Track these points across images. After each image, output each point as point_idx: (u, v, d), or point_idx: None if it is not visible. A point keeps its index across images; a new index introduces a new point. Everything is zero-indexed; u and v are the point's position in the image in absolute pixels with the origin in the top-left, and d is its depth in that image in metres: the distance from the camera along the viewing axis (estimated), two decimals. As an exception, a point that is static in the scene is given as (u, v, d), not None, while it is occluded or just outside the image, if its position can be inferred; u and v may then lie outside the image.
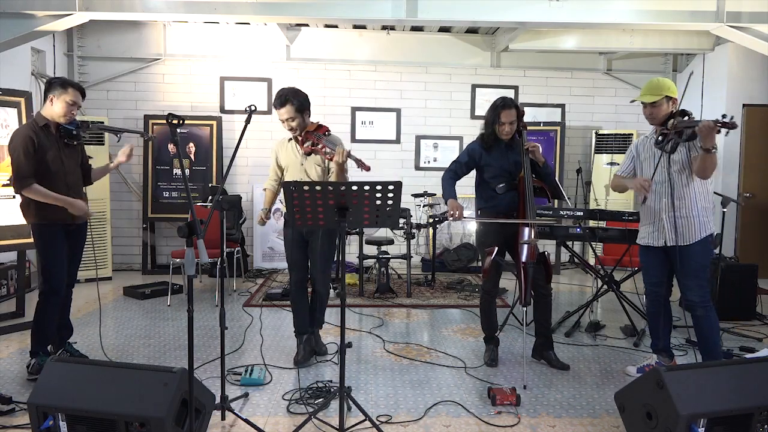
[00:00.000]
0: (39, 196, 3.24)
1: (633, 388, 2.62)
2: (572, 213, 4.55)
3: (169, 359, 3.76)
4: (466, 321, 4.81)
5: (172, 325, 4.55)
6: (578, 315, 4.55)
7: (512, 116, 3.52)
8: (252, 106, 2.93)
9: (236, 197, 6.56)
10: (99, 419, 2.31)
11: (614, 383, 3.42)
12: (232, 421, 2.85)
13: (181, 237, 2.20)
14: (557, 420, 2.96)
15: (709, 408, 2.36)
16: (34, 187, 3.22)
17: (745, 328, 4.59)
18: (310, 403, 3.06)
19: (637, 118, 7.31)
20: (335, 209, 2.60)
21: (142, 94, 6.82)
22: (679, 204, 3.21)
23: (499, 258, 3.58)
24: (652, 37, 6.37)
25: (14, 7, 4.74)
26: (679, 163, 3.21)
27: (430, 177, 7.03)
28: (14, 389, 3.20)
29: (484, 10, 4.99)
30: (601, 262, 4.81)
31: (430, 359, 3.84)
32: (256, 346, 3.98)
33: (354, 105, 7.07)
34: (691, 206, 3.21)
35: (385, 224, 2.75)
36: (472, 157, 3.68)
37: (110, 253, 6.29)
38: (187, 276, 2.21)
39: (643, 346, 4.12)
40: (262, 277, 6.46)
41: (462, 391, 3.31)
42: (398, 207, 2.65)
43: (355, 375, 3.52)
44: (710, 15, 4.95)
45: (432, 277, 6.22)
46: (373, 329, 4.50)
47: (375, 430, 2.69)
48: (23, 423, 2.76)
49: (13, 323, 4.39)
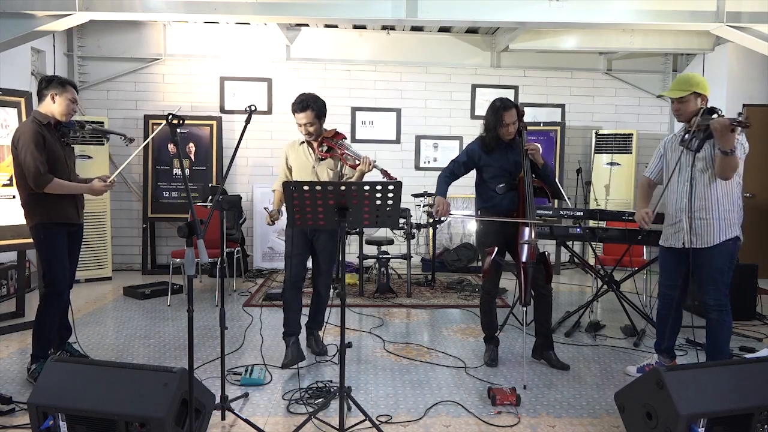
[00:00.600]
0: (62, 190, 3.21)
1: (633, 388, 2.62)
2: (572, 213, 4.55)
3: (169, 359, 3.76)
4: (466, 321, 4.81)
5: (172, 325, 4.55)
6: (578, 315, 4.55)
7: (514, 117, 3.52)
8: (252, 106, 2.93)
9: (236, 197, 6.56)
10: (99, 419, 2.31)
11: (614, 383, 3.42)
12: (232, 421, 2.85)
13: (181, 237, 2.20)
14: (557, 420, 2.96)
15: (709, 408, 2.36)
16: (55, 182, 3.18)
17: (745, 328, 4.59)
18: (310, 403, 3.06)
19: (638, 118, 7.34)
20: (335, 209, 2.60)
21: (142, 94, 6.82)
22: (699, 205, 3.11)
23: (499, 258, 3.58)
24: (652, 37, 6.37)
25: (14, 7, 4.74)
26: (702, 161, 3.11)
27: (430, 177, 7.03)
28: (14, 389, 3.20)
29: (484, 10, 4.99)
30: (601, 262, 4.81)
31: (430, 359, 3.84)
32: (256, 346, 3.98)
33: (354, 105, 7.07)
34: (712, 207, 3.10)
35: (385, 224, 2.75)
36: (471, 157, 3.67)
37: (110, 253, 6.29)
38: (187, 276, 2.21)
39: (643, 346, 4.12)
40: (262, 277, 6.46)
41: (462, 391, 3.31)
42: (398, 207, 2.65)
43: (355, 375, 3.52)
44: (710, 15, 4.95)
45: (432, 277, 6.22)
46: (373, 329, 4.50)
47: (375, 430, 2.69)
48: (23, 423, 2.76)
49: (13, 323, 4.39)
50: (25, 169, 3.16)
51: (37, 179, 3.14)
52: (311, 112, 3.53)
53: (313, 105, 3.54)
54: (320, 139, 3.61)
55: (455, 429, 2.84)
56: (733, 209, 3.14)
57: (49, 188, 3.18)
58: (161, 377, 2.35)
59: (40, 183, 3.15)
